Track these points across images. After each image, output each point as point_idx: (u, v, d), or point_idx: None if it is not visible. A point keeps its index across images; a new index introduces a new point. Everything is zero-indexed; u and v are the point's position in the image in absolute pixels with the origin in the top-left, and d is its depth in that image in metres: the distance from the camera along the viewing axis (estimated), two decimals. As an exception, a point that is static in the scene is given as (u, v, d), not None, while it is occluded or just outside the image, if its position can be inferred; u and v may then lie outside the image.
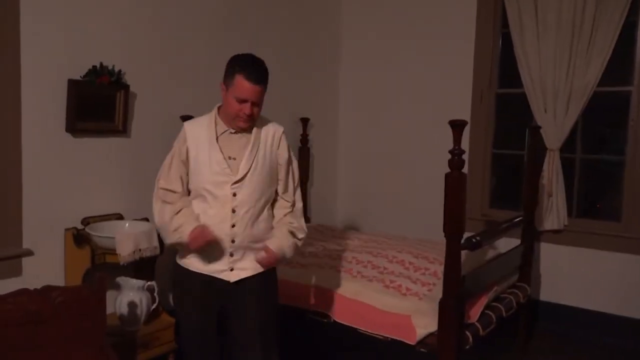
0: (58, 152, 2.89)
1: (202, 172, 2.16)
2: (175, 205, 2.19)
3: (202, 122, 2.23)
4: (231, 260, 2.17)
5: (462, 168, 2.55)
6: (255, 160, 2.16)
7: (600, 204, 4.18)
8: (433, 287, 2.93)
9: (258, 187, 2.16)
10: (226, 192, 2.12)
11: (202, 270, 2.19)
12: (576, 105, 3.75)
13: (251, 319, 2.23)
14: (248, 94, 2.08)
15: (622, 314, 3.76)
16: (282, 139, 2.25)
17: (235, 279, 2.18)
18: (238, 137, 2.19)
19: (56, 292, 2.22)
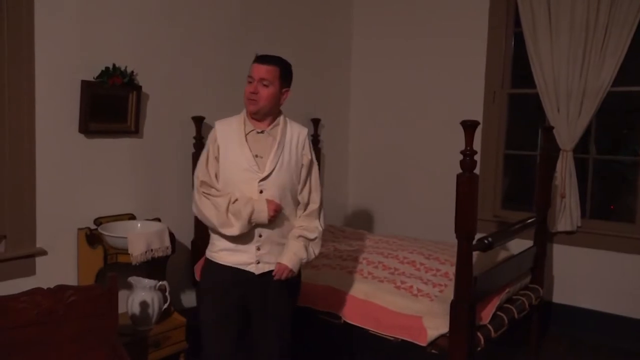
0: (71, 152, 2.92)
1: (231, 169, 2.24)
2: (223, 197, 2.22)
3: (231, 122, 2.32)
4: (258, 254, 2.25)
5: (474, 169, 2.53)
6: (280, 159, 2.25)
7: (613, 205, 4.14)
8: (444, 288, 2.91)
9: (283, 184, 2.25)
10: (253, 189, 2.21)
11: (230, 263, 2.27)
12: (590, 105, 3.71)
13: (272, 310, 2.32)
14: (253, 72, 2.21)
15: (636, 316, 3.71)
16: (306, 140, 2.34)
17: (261, 272, 2.26)
18: (265, 136, 2.28)
19: (69, 291, 2.25)
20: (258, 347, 2.37)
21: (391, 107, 4.72)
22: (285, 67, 2.27)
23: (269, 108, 2.25)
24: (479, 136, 3.88)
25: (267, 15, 4.03)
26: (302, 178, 2.32)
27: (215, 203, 2.23)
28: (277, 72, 2.23)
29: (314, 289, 3.06)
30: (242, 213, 2.18)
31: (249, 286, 2.27)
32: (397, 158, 4.70)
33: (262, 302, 2.30)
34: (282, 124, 2.31)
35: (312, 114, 4.49)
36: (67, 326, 2.22)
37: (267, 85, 2.21)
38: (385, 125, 4.76)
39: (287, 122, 2.34)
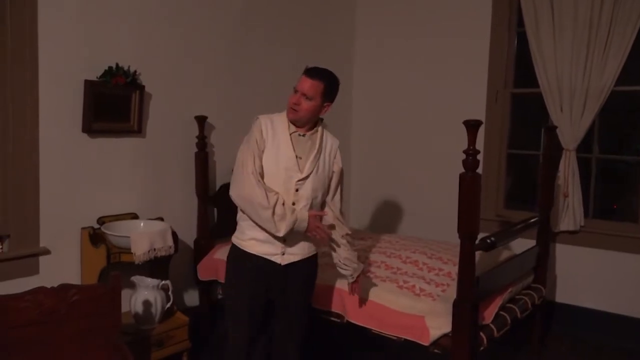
0: (74, 152, 2.93)
1: (273, 165, 2.33)
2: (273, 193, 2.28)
3: (276, 119, 2.41)
4: (283, 246, 2.38)
5: (476, 168, 2.53)
6: (317, 163, 2.40)
7: (616, 205, 4.13)
8: (447, 287, 2.91)
9: (317, 186, 2.39)
10: (291, 186, 2.34)
11: (257, 252, 2.38)
12: (593, 105, 3.70)
13: (293, 299, 2.46)
14: (299, 85, 2.34)
15: (638, 316, 3.70)
16: (338, 150, 2.51)
17: (286, 263, 2.39)
18: (305, 139, 2.41)
19: (72, 290, 2.25)
20: (278, 335, 2.52)
21: (393, 107, 4.71)
22: (331, 84, 2.38)
23: (307, 119, 2.37)
24: (482, 136, 3.87)
25: (269, 14, 4.03)
26: (333, 184, 2.50)
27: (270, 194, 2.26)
28: (321, 88, 2.34)
29: (317, 289, 3.06)
30: (287, 218, 2.29)
31: (274, 276, 2.40)
32: (399, 158, 4.70)
33: (284, 291, 2.43)
34: (321, 132, 2.45)
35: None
36: (70, 325, 2.22)
37: (309, 99, 2.32)
38: (387, 125, 4.76)
39: (324, 131, 2.49)
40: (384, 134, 4.79)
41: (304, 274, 2.47)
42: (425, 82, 4.52)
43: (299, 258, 2.42)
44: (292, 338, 2.52)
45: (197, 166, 3.50)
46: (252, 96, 3.88)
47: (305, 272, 2.48)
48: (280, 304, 2.47)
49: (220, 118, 3.66)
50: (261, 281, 2.40)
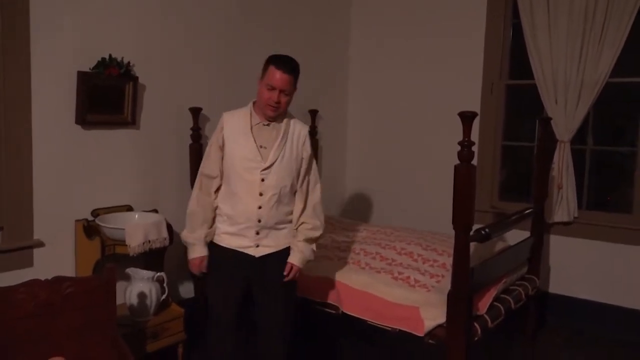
0: (68, 143, 2.91)
1: (236, 158, 2.37)
2: (204, 210, 2.44)
3: (238, 113, 2.45)
4: (257, 238, 2.39)
5: (471, 160, 2.53)
6: (283, 150, 2.38)
7: (610, 196, 4.15)
8: (442, 279, 2.93)
9: (283, 175, 2.38)
10: (255, 177, 2.34)
11: (232, 245, 2.41)
12: (587, 96, 3.71)
13: (273, 291, 2.45)
14: (276, 82, 2.30)
15: (632, 306, 3.73)
16: (307, 136, 2.48)
17: (260, 255, 2.41)
18: (270, 129, 2.40)
19: (67, 282, 2.25)
20: (261, 326, 2.50)
21: (389, 99, 4.71)
22: (298, 72, 2.39)
23: (285, 111, 2.41)
24: (477, 127, 3.88)
25: (265, 6, 4.00)
26: (302, 171, 2.46)
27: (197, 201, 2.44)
28: (294, 80, 2.37)
29: (312, 280, 3.07)
30: (192, 232, 2.44)
31: (250, 268, 2.41)
32: (394, 149, 4.70)
33: (264, 284, 2.44)
34: (287, 119, 2.45)
35: (310, 105, 4.48)
36: (65, 317, 2.22)
37: (287, 94, 2.35)
38: (383, 117, 4.76)
39: (291, 117, 2.48)
40: (379, 125, 4.79)
41: (280, 266, 2.44)
42: (419, 74, 4.51)
43: (274, 250, 2.42)
44: (276, 330, 2.50)
45: (191, 158, 3.49)
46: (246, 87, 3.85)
47: (281, 263, 2.45)
48: (261, 297, 2.46)
49: (214, 110, 3.64)
50: (238, 274, 2.41)
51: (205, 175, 2.45)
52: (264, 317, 2.50)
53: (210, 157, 2.44)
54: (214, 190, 2.44)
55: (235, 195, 2.37)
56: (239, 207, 2.37)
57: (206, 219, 2.44)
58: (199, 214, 2.44)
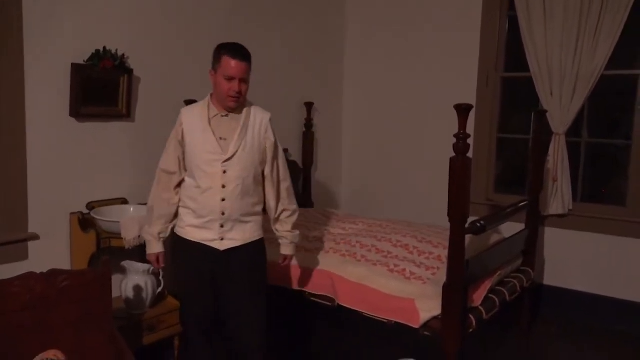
0: (62, 136, 2.90)
1: (196, 152, 2.35)
2: (160, 205, 2.43)
3: (196, 107, 2.43)
4: (221, 231, 2.36)
5: (467, 152, 2.53)
6: (244, 141, 2.35)
7: (605, 189, 4.17)
8: (437, 271, 2.93)
9: (246, 165, 2.35)
10: (217, 170, 2.32)
11: (196, 238, 2.39)
12: (583, 88, 3.72)
13: (239, 285, 2.42)
14: (234, 72, 2.27)
15: (626, 298, 3.76)
16: (269, 124, 2.43)
17: (225, 248, 2.38)
18: (229, 120, 2.37)
19: (62, 275, 2.24)
20: (230, 321, 2.47)
21: (384, 91, 4.70)
22: (251, 57, 2.35)
23: (244, 100, 2.38)
24: (472, 120, 3.88)
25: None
26: (268, 160, 2.43)
27: (154, 197, 2.45)
28: (250, 66, 2.33)
29: (308, 273, 3.08)
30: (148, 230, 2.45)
31: (216, 262, 2.39)
32: (390, 142, 4.70)
33: (229, 277, 2.41)
34: (247, 108, 2.41)
35: (305, 97, 4.47)
36: (61, 310, 2.22)
37: (246, 83, 2.33)
38: (378, 110, 4.75)
39: (251, 106, 2.43)
40: (374, 118, 4.78)
41: (248, 260, 2.41)
42: (415, 67, 4.51)
43: (240, 243, 2.39)
44: (246, 324, 2.45)
45: (187, 151, 3.48)
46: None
47: (249, 257, 2.42)
48: (227, 290, 2.43)
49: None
50: (204, 268, 2.39)
51: (163, 171, 2.43)
52: (232, 312, 2.45)
53: (168, 152, 2.43)
54: (174, 185, 2.42)
55: (199, 189, 2.35)
56: (203, 200, 2.34)
57: (162, 215, 2.43)
58: (154, 210, 2.43)
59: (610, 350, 3.49)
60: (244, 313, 2.44)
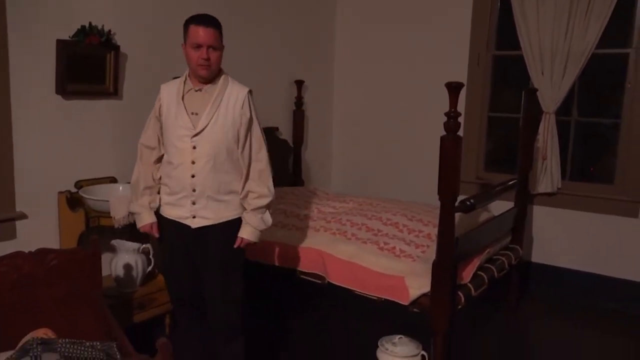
0: (49, 114, 2.85)
1: (169, 127, 2.32)
2: (145, 177, 2.40)
3: (175, 83, 2.39)
4: (193, 209, 2.31)
5: (457, 131, 2.53)
6: (215, 115, 2.28)
7: (593, 167, 4.20)
8: (427, 249, 2.96)
9: (217, 141, 2.27)
10: (186, 145, 2.27)
11: (171, 216, 2.37)
12: (573, 67, 3.71)
13: (213, 264, 2.37)
14: (201, 39, 2.21)
15: (613, 275, 3.82)
16: (246, 98, 2.33)
17: (197, 226, 2.33)
18: (202, 94, 2.32)
19: (51, 254, 2.23)
20: (209, 300, 2.43)
21: (376, 69, 4.67)
22: (220, 26, 2.28)
23: (218, 70, 2.30)
24: (463, 98, 3.87)
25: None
26: (241, 137, 2.31)
27: (138, 171, 2.42)
28: (219, 34, 2.26)
29: (298, 251, 3.09)
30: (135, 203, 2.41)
31: (189, 239, 2.36)
32: (381, 120, 4.69)
33: (204, 255, 2.37)
34: (222, 82, 2.33)
35: (295, 75, 4.43)
36: (51, 289, 2.21)
37: (216, 50, 2.24)
38: (369, 87, 4.73)
39: (228, 80, 2.35)
40: (365, 96, 4.76)
41: (223, 239, 2.34)
42: (407, 44, 4.47)
43: (212, 222, 2.32)
44: (220, 304, 2.40)
45: (176, 129, 3.45)
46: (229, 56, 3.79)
47: (224, 237, 2.34)
48: (204, 268, 2.39)
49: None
50: (180, 245, 2.37)
51: (143, 145, 2.42)
52: (207, 291, 2.41)
53: (148, 128, 2.42)
54: (154, 160, 2.40)
55: (171, 165, 2.32)
56: (175, 177, 2.31)
57: (148, 187, 2.39)
58: (140, 183, 2.40)
59: (597, 326, 3.56)
60: (217, 292, 2.39)
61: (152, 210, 2.40)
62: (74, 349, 1.89)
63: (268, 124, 4.11)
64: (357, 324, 3.47)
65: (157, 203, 2.40)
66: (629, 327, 3.52)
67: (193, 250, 2.37)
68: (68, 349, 1.88)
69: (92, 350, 1.93)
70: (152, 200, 2.40)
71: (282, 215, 3.45)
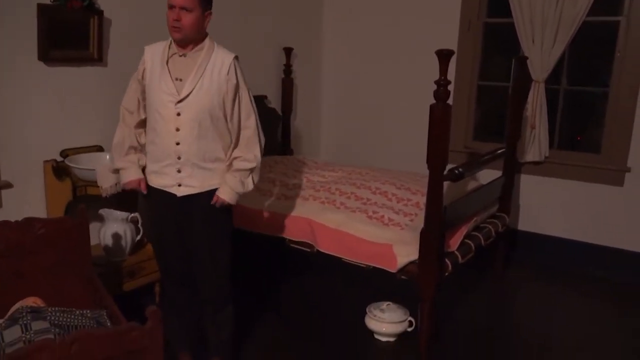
0: (32, 81, 2.79)
1: (152, 92, 2.26)
2: (129, 138, 2.36)
3: (158, 46, 2.32)
4: (178, 177, 2.28)
5: (447, 99, 2.52)
6: (200, 81, 2.22)
7: (580, 137, 4.22)
8: (415, 217, 2.98)
9: (202, 107, 2.23)
10: (170, 111, 2.22)
11: (155, 184, 2.34)
12: (564, 35, 3.69)
13: (199, 235, 2.36)
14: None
15: (598, 242, 3.88)
16: (232, 64, 2.27)
17: (182, 195, 2.30)
18: (186, 60, 2.26)
19: (38, 224, 2.22)
20: (194, 270, 2.44)
21: (365, 37, 4.61)
22: None
23: (193, 35, 2.21)
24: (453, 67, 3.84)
25: None
26: (228, 104, 2.27)
27: (121, 133, 2.37)
28: None
29: (288, 220, 3.10)
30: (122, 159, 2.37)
31: (175, 208, 2.33)
32: (370, 88, 4.65)
33: (190, 224, 2.35)
34: (207, 48, 2.26)
35: (284, 43, 4.36)
36: (38, 258, 2.21)
37: (189, 11, 2.16)
38: (358, 55, 4.67)
39: (213, 46, 2.29)
40: (355, 64, 4.71)
41: (207, 208, 2.31)
42: (396, 12, 4.41)
43: (198, 191, 2.30)
44: (208, 273, 2.41)
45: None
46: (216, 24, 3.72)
47: (208, 206, 2.31)
48: (190, 238, 2.37)
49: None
50: (167, 214, 2.34)
51: (125, 108, 2.37)
52: (196, 260, 2.40)
53: (129, 91, 2.36)
54: (134, 125, 2.35)
55: (154, 131, 2.27)
56: (159, 144, 2.26)
57: (133, 147, 2.35)
58: (125, 142, 2.35)
59: (582, 292, 3.63)
60: (206, 262, 2.39)
61: (139, 167, 2.35)
62: (64, 317, 1.90)
63: (256, 92, 4.05)
64: (346, 292, 3.51)
65: (144, 161, 2.36)
66: (612, 293, 3.60)
67: (179, 219, 2.35)
68: (58, 317, 1.89)
69: (82, 318, 1.94)
70: (140, 157, 2.36)
71: (271, 185, 3.44)
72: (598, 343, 2.97)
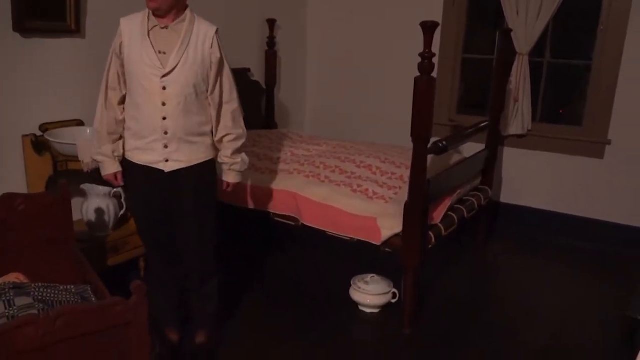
0: (7, 53, 2.71)
1: (134, 67, 2.20)
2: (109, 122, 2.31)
3: (137, 17, 2.25)
4: (166, 152, 2.26)
5: (431, 72, 2.51)
6: (185, 55, 2.19)
7: (563, 109, 4.25)
8: (399, 190, 2.99)
9: (188, 81, 2.20)
10: (155, 86, 2.18)
11: (141, 161, 2.30)
12: (549, 7, 3.68)
13: (186, 209, 2.36)
14: None
15: (579, 214, 3.96)
16: (214, 38, 2.25)
17: (170, 170, 2.28)
18: (168, 32, 2.21)
19: (18, 199, 2.19)
20: (180, 245, 2.44)
21: (349, 9, 4.55)
22: None
23: (169, 5, 2.16)
24: (438, 39, 3.82)
25: None
26: (212, 78, 2.26)
27: (102, 118, 2.31)
28: None
29: (272, 193, 3.10)
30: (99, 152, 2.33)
31: (162, 184, 2.31)
32: (355, 61, 4.62)
33: (178, 198, 2.34)
34: (189, 21, 2.22)
35: (267, 14, 4.29)
36: (20, 234, 2.18)
37: None
38: (343, 28, 4.62)
39: (194, 19, 2.25)
40: (339, 36, 4.66)
41: (196, 182, 2.32)
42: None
43: (185, 165, 2.29)
44: (195, 248, 2.42)
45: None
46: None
47: (197, 179, 2.32)
48: (177, 214, 2.37)
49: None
50: (153, 191, 2.32)
51: (106, 85, 2.30)
52: (182, 234, 2.41)
53: (109, 66, 2.28)
54: (117, 102, 2.29)
55: (139, 107, 2.22)
56: (143, 120, 2.22)
57: (111, 133, 2.31)
58: (103, 129, 2.31)
59: (563, 263, 3.70)
60: (192, 235, 2.39)
61: (116, 160, 2.34)
62: (48, 293, 1.89)
63: (239, 64, 4.01)
64: (331, 264, 3.54)
65: (121, 151, 2.33)
66: (593, 264, 3.67)
67: (166, 194, 2.33)
68: (42, 292, 1.88)
69: (66, 293, 1.93)
70: (115, 148, 2.33)
71: (256, 159, 3.43)
72: (580, 313, 3.05)
